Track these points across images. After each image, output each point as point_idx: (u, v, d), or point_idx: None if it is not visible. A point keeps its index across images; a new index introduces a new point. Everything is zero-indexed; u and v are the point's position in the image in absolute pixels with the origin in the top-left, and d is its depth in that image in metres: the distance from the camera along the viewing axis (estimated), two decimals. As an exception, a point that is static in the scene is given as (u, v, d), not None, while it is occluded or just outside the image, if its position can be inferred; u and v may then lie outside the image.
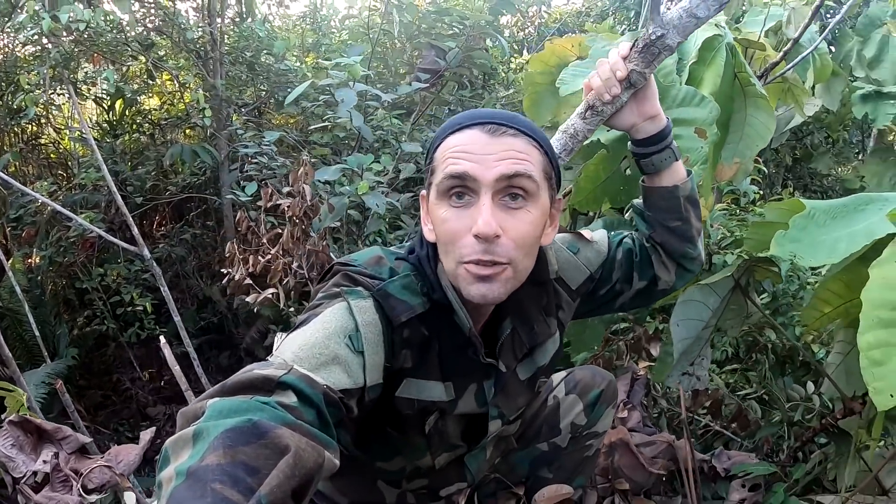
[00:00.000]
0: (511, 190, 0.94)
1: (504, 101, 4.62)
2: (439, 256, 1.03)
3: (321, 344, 0.89)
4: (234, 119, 4.03)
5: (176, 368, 2.30)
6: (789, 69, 1.86)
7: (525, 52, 5.54)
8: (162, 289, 3.43)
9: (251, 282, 2.25)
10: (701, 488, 1.61)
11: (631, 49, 1.10)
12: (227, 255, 2.38)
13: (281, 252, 2.22)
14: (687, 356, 1.94)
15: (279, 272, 2.15)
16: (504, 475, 1.49)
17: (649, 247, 1.27)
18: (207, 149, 3.66)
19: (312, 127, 3.08)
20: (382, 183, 2.73)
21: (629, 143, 1.22)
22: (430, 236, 1.03)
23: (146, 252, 3.30)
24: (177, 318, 3.52)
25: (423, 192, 1.05)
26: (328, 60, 4.80)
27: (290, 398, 0.76)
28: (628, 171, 1.79)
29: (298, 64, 4.15)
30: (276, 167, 3.38)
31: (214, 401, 0.71)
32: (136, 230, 3.10)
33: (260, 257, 2.25)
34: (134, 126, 4.13)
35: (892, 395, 1.05)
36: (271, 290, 2.14)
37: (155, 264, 3.32)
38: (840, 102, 2.38)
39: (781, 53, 1.58)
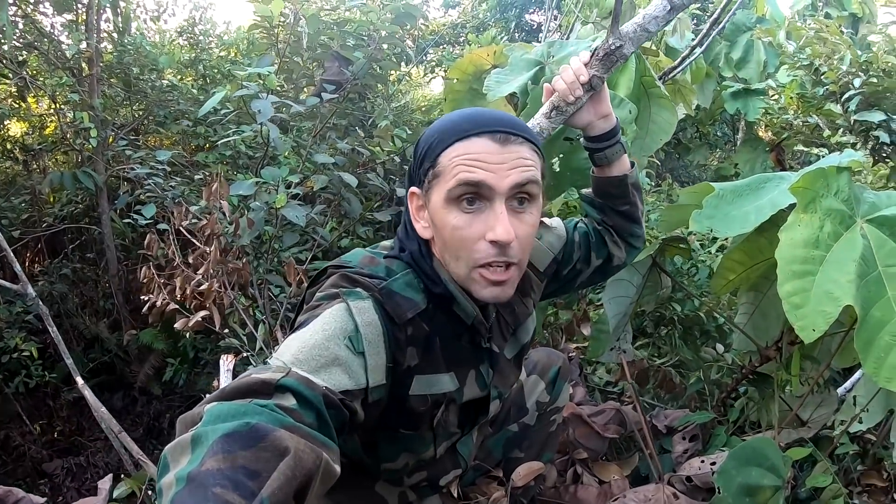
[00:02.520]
0: (519, 195, 0.99)
1: (394, 112, 4.71)
2: (434, 252, 1.07)
3: (321, 346, 0.90)
4: (109, 141, 3.75)
5: (102, 410, 2.12)
6: (678, 72, 2.12)
7: (404, 64, 5.66)
8: (50, 329, 3.12)
9: (177, 307, 2.12)
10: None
11: (591, 57, 1.23)
12: (143, 281, 2.22)
13: (212, 272, 2.12)
14: (616, 332, 2.13)
15: (212, 293, 2.06)
16: (482, 461, 1.56)
17: (601, 229, 1.39)
18: (90, 173, 3.38)
19: (220, 141, 2.96)
20: (298, 195, 2.71)
21: (583, 139, 1.35)
22: (424, 233, 1.06)
23: (30, 290, 2.99)
24: (69, 361, 3.21)
25: (414, 189, 1.07)
26: (205, 78, 4.63)
27: (290, 401, 0.76)
28: (556, 168, 1.94)
29: (178, 80, 3.95)
30: (171, 188, 3.21)
31: (212, 405, 0.71)
32: (18, 266, 2.81)
33: (183, 281, 2.13)
34: (2, 153, 3.70)
35: (814, 330, 1.24)
36: (203, 313, 2.04)
37: (41, 303, 3.02)
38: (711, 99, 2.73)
39: (679, 59, 1.81)
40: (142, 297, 2.22)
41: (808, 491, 1.45)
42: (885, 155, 2.01)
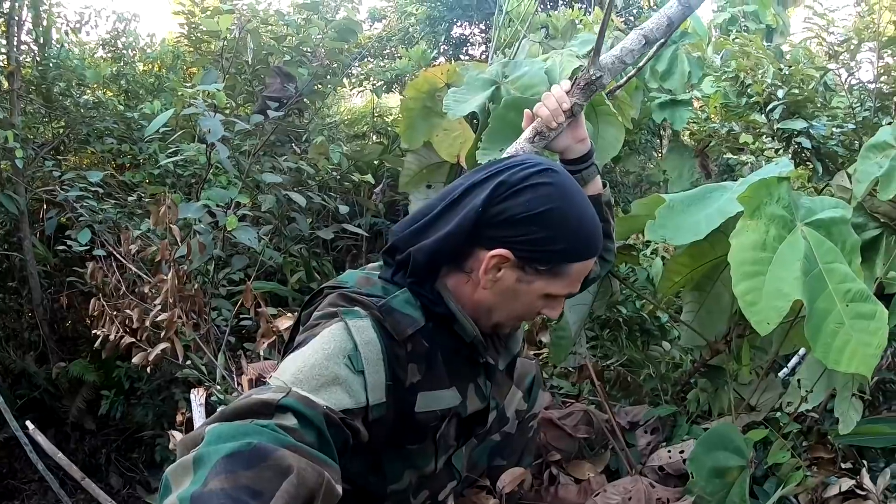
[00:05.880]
0: None
1: (328, 127, 4.68)
2: (443, 283, 1.12)
3: (320, 365, 0.91)
4: (30, 161, 3.53)
5: (60, 456, 1.99)
6: (619, 88, 2.26)
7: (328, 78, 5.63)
8: (-24, 368, 2.91)
9: (134, 340, 2.03)
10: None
11: (573, 86, 1.32)
12: (93, 314, 2.11)
13: (171, 301, 2.04)
14: (576, 337, 2.24)
15: (174, 324, 1.98)
16: (469, 471, 1.60)
17: None
18: (13, 197, 3.17)
19: (163, 161, 2.85)
20: (247, 217, 2.66)
21: (559, 162, 1.43)
22: (486, 285, 1.09)
23: (-48, 327, 2.78)
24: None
25: (506, 254, 1.05)
26: (127, 93, 4.43)
27: (291, 420, 0.78)
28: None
29: (103, 95, 3.77)
30: (103, 210, 3.07)
31: (214, 426, 0.72)
32: (-62, 302, 2.60)
33: (142, 312, 2.04)
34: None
35: (768, 324, 1.37)
36: (164, 345, 1.96)
37: (-35, 340, 2.81)
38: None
39: (626, 78, 1.93)
40: (93, 332, 2.11)
41: (763, 469, 1.60)
42: (805, 158, 2.23)
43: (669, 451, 1.67)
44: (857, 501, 1.38)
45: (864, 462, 1.51)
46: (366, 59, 6.25)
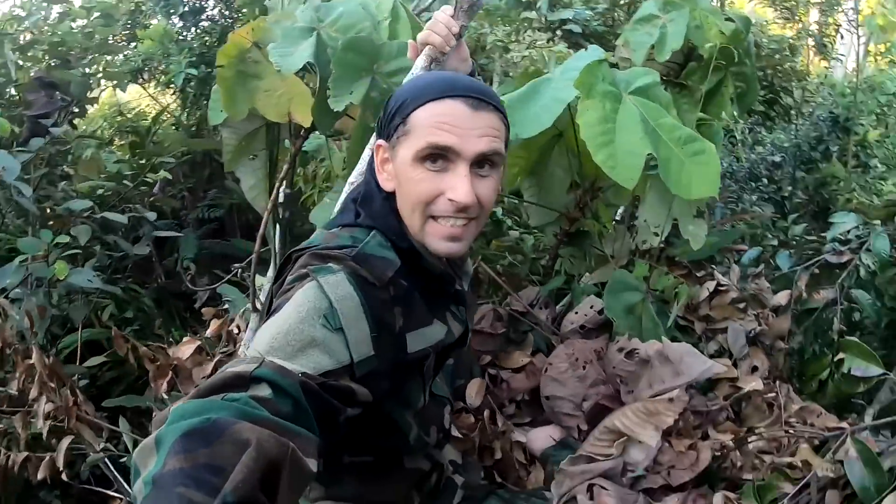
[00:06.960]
0: (484, 162, 1.05)
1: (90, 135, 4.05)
2: (398, 208, 1.12)
3: (295, 329, 0.89)
4: None
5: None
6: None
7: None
8: None
9: (28, 452, 1.69)
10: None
11: (456, 9, 1.38)
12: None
13: (53, 385, 1.71)
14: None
15: (73, 409, 1.68)
16: (441, 398, 1.70)
17: None
18: None
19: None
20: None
21: None
22: (386, 185, 1.10)
23: None
24: None
25: (381, 142, 1.11)
26: None
27: (265, 391, 0.76)
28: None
29: None
30: None
31: (178, 404, 0.71)
32: None
33: (24, 418, 1.71)
34: None
35: (631, 179, 1.63)
36: (68, 439, 1.66)
37: None
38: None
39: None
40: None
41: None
42: (576, 42, 2.60)
43: (577, 312, 1.94)
44: (722, 296, 1.79)
45: (713, 267, 1.94)
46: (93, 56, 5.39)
